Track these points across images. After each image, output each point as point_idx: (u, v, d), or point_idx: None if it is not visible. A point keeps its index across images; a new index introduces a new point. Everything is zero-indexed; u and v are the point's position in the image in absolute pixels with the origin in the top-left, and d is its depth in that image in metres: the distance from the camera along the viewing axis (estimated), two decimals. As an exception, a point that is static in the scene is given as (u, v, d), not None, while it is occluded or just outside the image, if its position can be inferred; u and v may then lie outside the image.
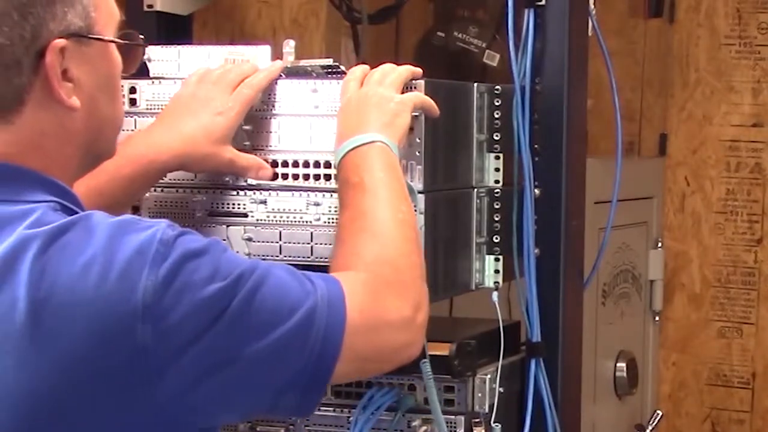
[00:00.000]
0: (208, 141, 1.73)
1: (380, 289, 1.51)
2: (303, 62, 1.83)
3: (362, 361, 1.50)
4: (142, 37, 1.56)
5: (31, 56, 1.39)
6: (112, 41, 1.48)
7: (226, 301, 1.37)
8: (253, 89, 1.77)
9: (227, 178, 1.82)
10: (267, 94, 1.81)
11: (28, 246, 1.34)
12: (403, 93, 1.73)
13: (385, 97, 1.70)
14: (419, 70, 1.77)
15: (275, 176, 1.80)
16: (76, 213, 1.43)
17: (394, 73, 1.74)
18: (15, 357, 1.33)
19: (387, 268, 1.54)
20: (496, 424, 1.84)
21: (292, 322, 1.40)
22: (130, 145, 1.71)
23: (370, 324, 1.48)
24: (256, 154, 1.81)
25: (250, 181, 1.81)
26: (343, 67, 1.82)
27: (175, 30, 2.49)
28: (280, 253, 1.81)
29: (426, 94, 1.75)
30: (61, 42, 1.39)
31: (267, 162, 1.81)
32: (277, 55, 1.85)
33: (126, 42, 1.51)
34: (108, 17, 1.47)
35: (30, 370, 1.33)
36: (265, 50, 1.85)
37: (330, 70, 1.82)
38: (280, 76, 1.81)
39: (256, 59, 1.83)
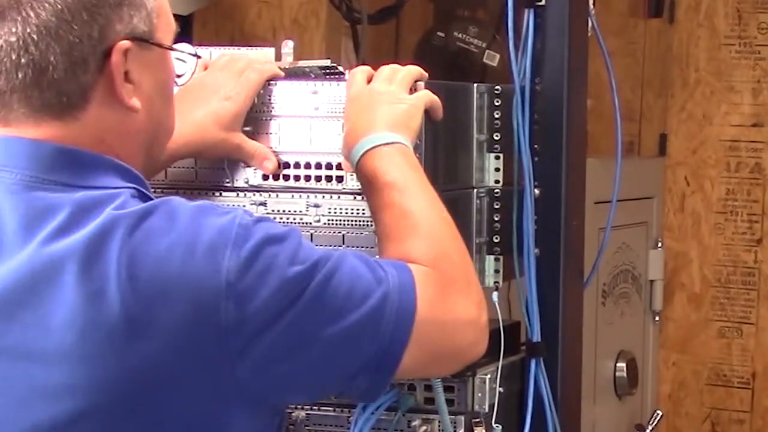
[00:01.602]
0: (219, 127, 1.75)
1: (447, 286, 1.53)
2: (301, 63, 1.83)
3: (429, 355, 1.53)
4: (196, 49, 1.62)
5: (97, 55, 1.43)
6: (172, 49, 1.52)
7: (304, 284, 1.42)
8: (260, 74, 1.78)
9: (227, 180, 1.82)
10: (267, 96, 1.81)
11: (117, 226, 1.39)
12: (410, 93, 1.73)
13: (398, 97, 1.70)
14: (425, 73, 1.77)
15: (278, 168, 1.80)
16: (150, 198, 1.47)
17: (404, 70, 1.75)
18: (108, 335, 1.37)
19: (450, 266, 1.55)
20: (497, 425, 1.84)
21: (365, 307, 1.45)
22: None
23: (439, 319, 1.51)
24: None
25: (251, 182, 1.81)
26: (341, 68, 1.82)
27: (175, 30, 2.48)
28: (280, 254, 1.81)
29: (426, 94, 1.75)
30: (126, 44, 1.43)
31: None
32: (277, 55, 1.85)
33: (186, 52, 1.58)
34: (167, 26, 1.51)
35: (123, 348, 1.37)
36: (269, 52, 1.85)
37: (328, 71, 1.82)
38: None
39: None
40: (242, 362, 1.40)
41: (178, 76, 1.64)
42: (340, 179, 1.78)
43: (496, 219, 1.89)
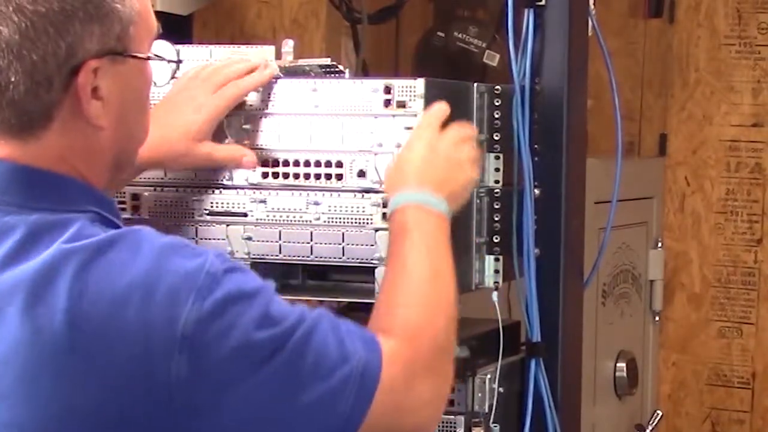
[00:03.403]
0: (184, 138, 1.73)
1: (417, 365, 1.47)
2: (301, 62, 1.83)
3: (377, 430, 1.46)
4: (177, 49, 1.55)
5: (63, 74, 1.36)
6: (148, 58, 1.45)
7: (266, 352, 1.35)
8: (239, 88, 1.77)
9: (226, 178, 1.82)
10: (267, 93, 1.81)
11: (68, 262, 1.32)
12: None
13: (464, 168, 1.70)
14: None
15: (265, 169, 1.80)
16: (114, 223, 1.41)
17: (470, 142, 1.74)
18: (50, 376, 1.31)
19: (428, 341, 1.49)
20: (495, 424, 1.84)
21: (326, 385, 1.38)
22: None
23: (396, 404, 1.45)
24: (255, 154, 1.81)
25: (250, 180, 1.81)
26: (341, 66, 1.82)
27: (175, 30, 2.48)
28: (280, 253, 1.81)
29: (426, 93, 1.75)
30: (95, 62, 1.37)
31: (268, 162, 1.81)
32: (278, 54, 1.85)
33: (164, 59, 1.52)
34: (145, 31, 1.44)
35: (65, 392, 1.31)
36: (270, 50, 1.85)
37: (328, 69, 1.82)
38: (278, 77, 1.81)
39: (259, 59, 1.84)
40: (193, 422, 1.32)
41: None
42: (339, 177, 1.78)
43: (496, 219, 1.89)
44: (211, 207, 1.83)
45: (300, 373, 1.37)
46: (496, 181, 1.90)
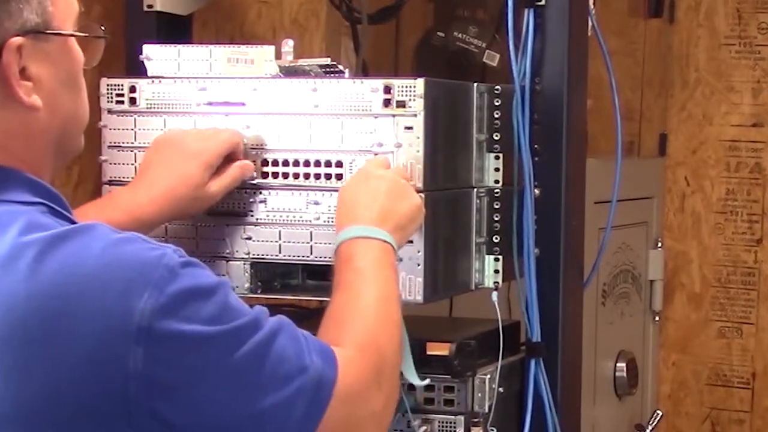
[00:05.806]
0: (188, 188, 1.74)
1: (369, 382, 1.47)
2: (301, 61, 1.84)
3: None
4: (102, 28, 1.52)
5: None
6: (71, 35, 1.44)
7: (227, 347, 1.33)
8: (232, 134, 1.79)
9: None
10: (267, 93, 1.81)
11: (23, 254, 1.31)
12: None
13: (407, 200, 1.70)
14: None
15: (265, 169, 1.82)
16: (65, 216, 1.40)
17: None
18: (4, 368, 1.29)
19: (377, 355, 1.50)
20: (492, 428, 1.85)
21: (281, 393, 1.37)
22: (113, 204, 1.71)
23: (349, 417, 1.44)
24: (255, 154, 1.81)
25: (250, 180, 1.81)
26: (341, 66, 1.82)
27: (175, 30, 2.48)
28: (280, 253, 1.81)
29: (426, 93, 1.75)
30: (17, 40, 1.36)
31: (268, 162, 1.81)
32: (278, 54, 1.86)
33: (84, 35, 1.47)
34: (66, 10, 1.43)
35: (19, 384, 1.29)
36: (269, 50, 1.85)
37: (328, 69, 1.83)
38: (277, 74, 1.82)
39: (259, 59, 1.84)
40: (142, 419, 1.30)
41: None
42: (339, 177, 1.78)
43: (496, 219, 1.89)
44: (212, 207, 1.83)
45: (258, 377, 1.35)
46: (496, 181, 1.90)
